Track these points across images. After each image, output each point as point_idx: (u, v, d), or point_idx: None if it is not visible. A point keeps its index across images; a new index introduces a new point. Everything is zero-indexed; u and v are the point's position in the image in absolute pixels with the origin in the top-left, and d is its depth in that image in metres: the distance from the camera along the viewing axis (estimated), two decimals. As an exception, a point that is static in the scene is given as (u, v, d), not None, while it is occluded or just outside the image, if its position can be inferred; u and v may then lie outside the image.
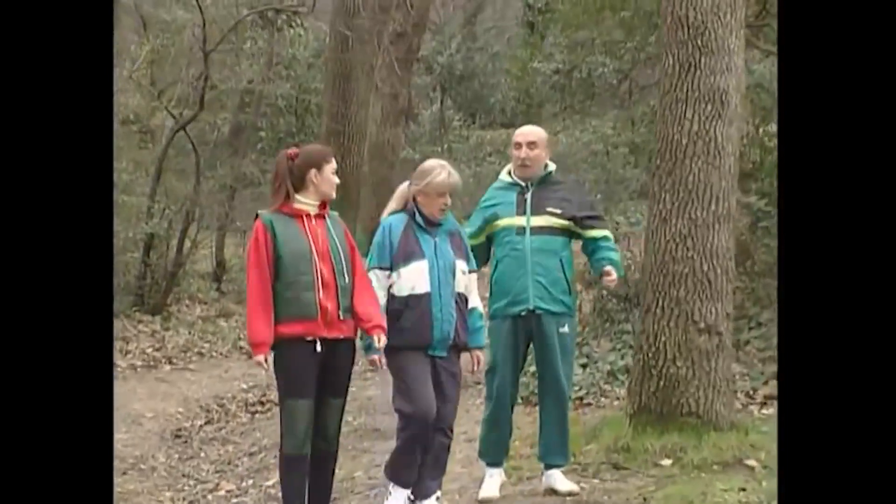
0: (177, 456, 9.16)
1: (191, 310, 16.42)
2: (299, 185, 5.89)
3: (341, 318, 5.81)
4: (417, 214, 6.18)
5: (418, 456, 6.09)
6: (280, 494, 7.75)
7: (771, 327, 9.61)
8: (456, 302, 6.14)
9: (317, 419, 5.88)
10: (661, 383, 7.24)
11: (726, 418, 7.29)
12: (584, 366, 9.65)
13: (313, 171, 5.87)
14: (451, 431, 6.25)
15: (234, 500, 7.87)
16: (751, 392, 8.86)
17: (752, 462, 6.89)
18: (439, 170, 6.18)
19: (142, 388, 10.86)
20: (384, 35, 17.92)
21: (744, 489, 6.31)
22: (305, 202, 5.89)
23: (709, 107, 7.28)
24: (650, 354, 7.30)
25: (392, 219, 6.21)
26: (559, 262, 6.54)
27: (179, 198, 16.33)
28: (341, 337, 5.83)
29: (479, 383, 10.85)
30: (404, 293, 6.06)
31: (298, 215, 5.86)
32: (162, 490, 8.19)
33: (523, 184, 6.62)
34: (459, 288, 6.16)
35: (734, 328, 10.02)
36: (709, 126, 7.28)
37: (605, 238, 6.66)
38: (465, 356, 6.35)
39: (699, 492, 6.27)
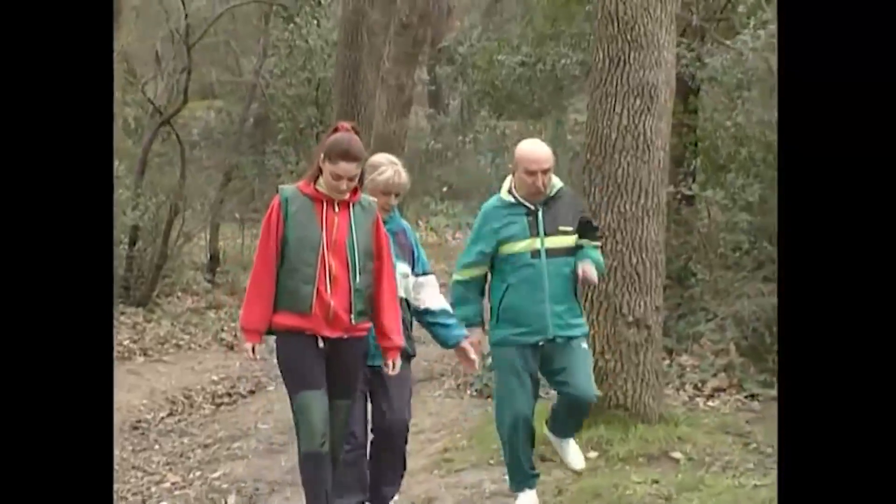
0: (130, 448, 9.24)
1: (182, 301, 16.52)
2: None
3: (353, 322, 5.32)
4: None
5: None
6: (223, 486, 7.94)
7: (725, 320, 9.62)
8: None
9: None
10: (590, 376, 7.28)
11: (654, 411, 7.34)
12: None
13: (321, 157, 5.31)
14: (407, 431, 5.89)
15: (177, 493, 7.96)
16: (699, 384, 8.88)
17: (677, 454, 6.94)
18: (385, 167, 5.75)
19: (108, 381, 10.90)
20: (390, 27, 18.06)
21: (657, 482, 6.36)
22: (324, 188, 5.34)
23: (638, 101, 7.31)
24: (579, 347, 7.31)
25: None
26: (572, 285, 6.10)
27: (166, 189, 16.47)
28: (346, 336, 5.33)
29: (442, 375, 10.92)
30: None
31: (318, 199, 5.31)
32: (107, 482, 8.28)
33: (531, 205, 6.08)
34: (400, 292, 5.65)
35: (692, 321, 10.10)
36: (638, 120, 7.31)
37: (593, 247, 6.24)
38: (457, 353, 5.96)
39: (612, 484, 6.32)
